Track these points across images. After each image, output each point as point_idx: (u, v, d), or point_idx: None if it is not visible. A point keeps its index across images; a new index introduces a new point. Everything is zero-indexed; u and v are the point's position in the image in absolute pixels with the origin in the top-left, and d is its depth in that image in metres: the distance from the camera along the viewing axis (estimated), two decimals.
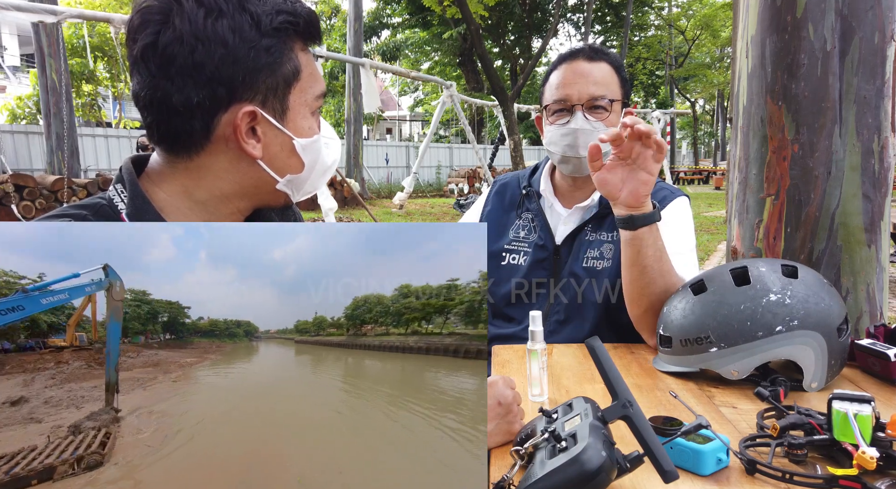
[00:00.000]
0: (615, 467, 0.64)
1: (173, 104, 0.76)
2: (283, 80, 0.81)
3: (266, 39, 0.78)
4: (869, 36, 1.35)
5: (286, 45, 0.80)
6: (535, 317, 1.01)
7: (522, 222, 1.55)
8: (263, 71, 0.78)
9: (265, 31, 0.78)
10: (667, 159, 17.84)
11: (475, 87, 24.45)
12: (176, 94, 0.75)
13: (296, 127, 0.84)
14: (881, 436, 0.76)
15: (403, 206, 12.63)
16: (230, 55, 0.75)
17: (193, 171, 0.82)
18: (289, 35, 0.81)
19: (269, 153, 0.83)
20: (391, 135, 36.53)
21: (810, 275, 1.08)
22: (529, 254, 1.50)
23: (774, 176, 1.45)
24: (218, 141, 0.80)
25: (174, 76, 0.75)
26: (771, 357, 1.02)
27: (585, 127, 1.39)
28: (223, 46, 0.75)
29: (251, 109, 0.78)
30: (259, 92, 0.79)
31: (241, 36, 0.76)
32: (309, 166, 0.88)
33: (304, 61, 0.84)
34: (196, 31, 0.74)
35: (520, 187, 1.60)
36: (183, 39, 0.74)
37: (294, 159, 0.86)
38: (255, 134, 0.81)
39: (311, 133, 0.86)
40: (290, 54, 0.81)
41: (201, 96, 0.76)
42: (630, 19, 25.32)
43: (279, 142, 0.83)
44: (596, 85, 1.40)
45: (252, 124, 0.80)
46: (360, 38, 15.32)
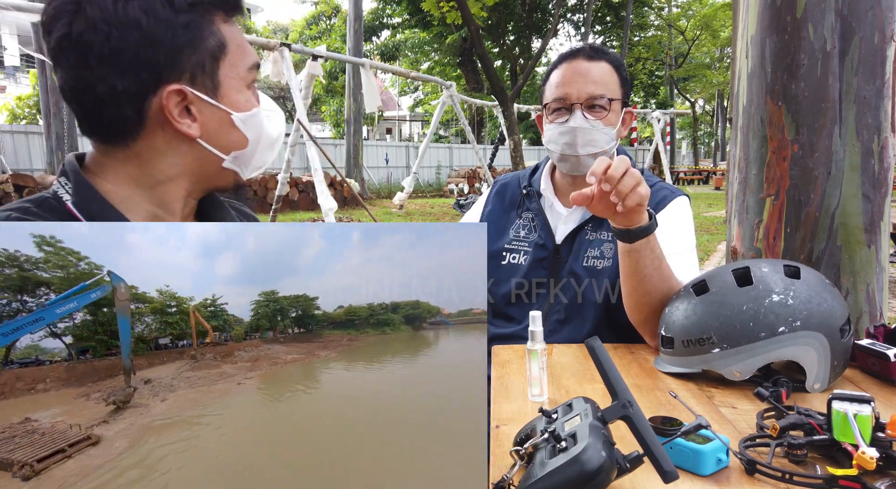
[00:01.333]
0: (615, 467, 0.64)
1: (99, 94, 0.75)
2: (210, 56, 0.80)
3: (182, 16, 0.76)
4: (869, 36, 1.35)
5: (205, 19, 0.79)
6: (534, 317, 1.01)
7: (523, 222, 1.55)
8: (185, 49, 0.77)
9: (179, 7, 0.76)
10: (667, 159, 17.83)
11: (475, 87, 24.45)
12: (99, 83, 0.74)
13: (231, 101, 0.83)
14: (881, 436, 0.76)
15: (403, 206, 12.62)
16: (147, 37, 0.74)
17: (134, 158, 0.81)
18: (206, 8, 0.79)
19: (208, 131, 0.82)
20: (391, 135, 36.53)
21: (812, 276, 1.08)
22: (530, 253, 1.50)
23: (774, 176, 1.45)
24: (153, 125, 0.79)
25: (94, 65, 0.74)
26: (773, 358, 1.02)
27: (584, 125, 1.39)
28: (137, 29, 0.74)
29: (176, 88, 0.77)
30: (185, 70, 0.78)
31: (154, 16, 0.74)
32: (253, 140, 0.87)
33: (230, 34, 0.82)
34: (107, 17, 0.73)
35: (520, 187, 1.60)
36: (96, 27, 0.73)
37: (236, 134, 0.85)
38: (190, 113, 0.80)
39: (250, 106, 0.85)
40: (211, 28, 0.80)
41: (126, 83, 0.75)
42: (630, 19, 25.32)
43: (216, 118, 0.82)
44: (595, 84, 1.40)
45: (185, 103, 0.79)
46: (360, 39, 15.32)
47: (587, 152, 1.41)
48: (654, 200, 1.44)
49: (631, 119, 1.50)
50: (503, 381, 1.14)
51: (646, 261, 1.19)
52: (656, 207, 1.43)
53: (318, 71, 7.48)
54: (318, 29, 29.24)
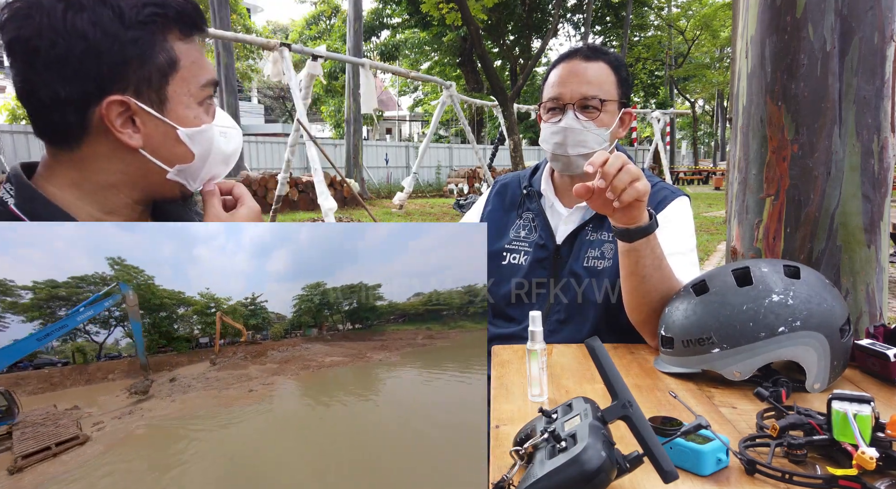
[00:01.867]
0: (615, 467, 0.64)
1: (43, 99, 0.78)
2: (158, 71, 0.81)
3: (132, 31, 0.78)
4: (869, 36, 1.35)
5: (156, 36, 0.81)
6: (534, 318, 1.01)
7: (523, 222, 1.55)
8: (132, 63, 0.79)
9: (130, 23, 0.78)
10: (666, 159, 17.82)
11: (475, 87, 24.44)
12: (43, 88, 0.77)
13: (178, 116, 0.85)
14: (881, 436, 0.76)
15: (403, 206, 12.62)
16: (92, 49, 0.76)
17: (77, 162, 0.83)
18: (158, 27, 0.81)
19: (152, 143, 0.84)
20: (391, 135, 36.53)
21: (812, 276, 1.08)
22: (530, 253, 1.50)
23: (774, 176, 1.45)
24: (97, 132, 0.81)
25: (39, 70, 0.76)
26: (773, 358, 1.02)
27: (575, 126, 1.40)
28: (84, 40, 0.75)
29: (118, 99, 0.79)
30: (130, 83, 0.80)
31: (102, 29, 0.76)
32: (200, 155, 0.88)
33: (184, 51, 0.84)
34: (55, 25, 0.75)
35: (520, 187, 1.60)
36: (42, 33, 0.75)
37: (181, 148, 0.86)
38: (134, 124, 0.82)
39: (199, 122, 0.87)
40: (163, 44, 0.81)
41: (68, 90, 0.77)
42: (630, 19, 25.31)
43: (161, 131, 0.84)
44: (588, 84, 1.40)
45: (129, 114, 0.81)
46: (359, 38, 15.32)
47: (577, 152, 1.41)
48: (654, 200, 1.44)
49: (630, 119, 1.49)
50: (503, 381, 1.14)
51: (646, 261, 1.19)
52: (656, 207, 1.43)
53: (317, 71, 7.48)
54: (317, 29, 29.24)
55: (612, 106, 1.42)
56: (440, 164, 19.77)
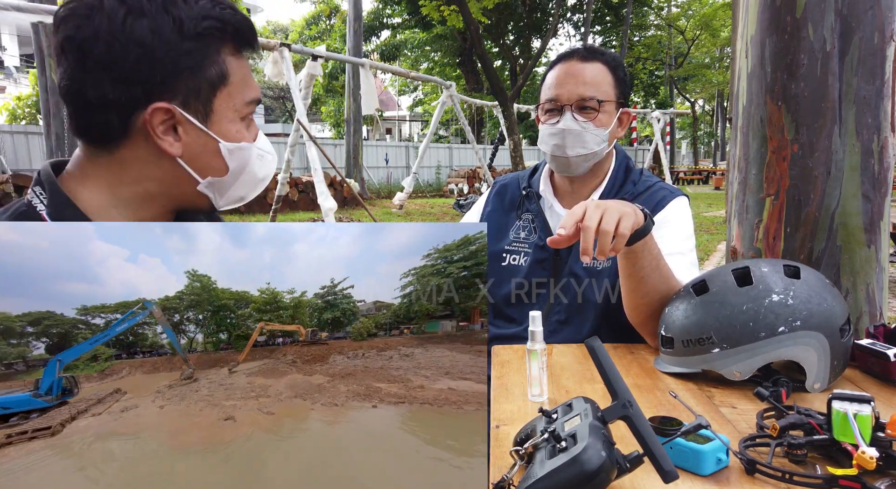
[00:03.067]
0: (615, 467, 0.64)
1: (89, 98, 0.77)
2: (207, 84, 0.82)
3: (188, 43, 0.78)
4: (869, 36, 1.35)
5: (211, 50, 0.81)
6: (534, 318, 1.01)
7: (522, 223, 1.55)
8: (184, 73, 0.79)
9: (188, 34, 0.78)
10: (666, 159, 17.81)
11: (475, 87, 24.44)
12: (91, 88, 0.77)
13: (221, 130, 0.85)
14: (881, 436, 0.76)
15: (403, 206, 12.62)
16: (147, 56, 0.76)
17: (115, 165, 0.83)
18: (214, 40, 0.81)
19: (190, 152, 0.84)
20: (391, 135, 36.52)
21: (812, 276, 1.08)
22: (530, 254, 1.50)
23: (774, 176, 1.45)
24: (137, 137, 0.81)
25: (90, 71, 0.76)
26: (773, 358, 1.02)
27: (574, 127, 1.40)
28: (140, 46, 0.76)
29: (163, 107, 0.79)
30: (179, 92, 0.80)
31: (160, 38, 0.76)
32: (234, 171, 0.88)
33: (235, 66, 0.85)
34: (114, 29, 0.75)
35: (520, 188, 1.60)
36: (99, 36, 0.75)
37: (217, 161, 0.86)
38: (175, 132, 0.82)
39: (239, 138, 0.87)
40: (215, 58, 0.82)
41: (116, 93, 0.77)
42: (630, 19, 25.30)
43: (201, 142, 0.84)
44: (586, 85, 1.40)
45: (172, 122, 0.81)
46: (359, 39, 15.33)
47: (576, 153, 1.41)
48: (653, 201, 1.44)
49: (628, 119, 1.49)
50: (503, 381, 1.14)
51: (643, 263, 1.18)
52: (655, 207, 1.43)
53: (317, 71, 7.49)
54: (317, 29, 29.23)
55: (610, 106, 1.42)
56: (440, 164, 19.77)
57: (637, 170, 1.54)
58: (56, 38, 0.78)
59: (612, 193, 1.48)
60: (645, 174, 1.53)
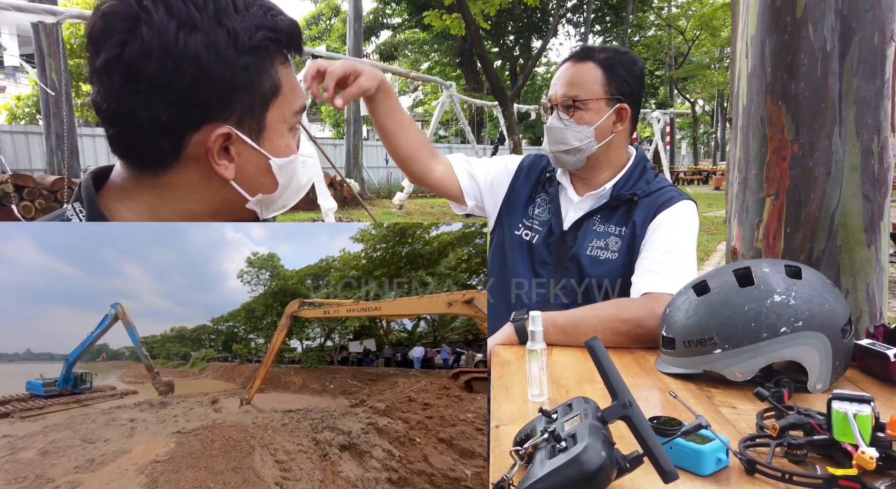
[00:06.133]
0: (615, 467, 0.64)
1: (139, 121, 0.70)
2: (261, 99, 0.75)
3: (244, 57, 0.71)
4: (869, 36, 1.35)
5: (265, 63, 0.74)
6: (534, 318, 1.01)
7: (540, 201, 1.61)
8: (240, 91, 0.72)
9: (243, 48, 0.71)
10: (666, 159, 17.82)
11: (475, 87, 24.44)
12: (142, 110, 0.69)
13: (272, 146, 0.79)
14: (881, 436, 0.76)
15: (403, 206, 12.62)
16: (203, 74, 0.69)
17: (160, 188, 0.76)
18: (269, 52, 0.74)
19: (243, 174, 0.77)
20: None
21: (814, 276, 1.07)
22: (540, 233, 1.56)
23: (774, 176, 1.45)
24: (188, 160, 0.74)
25: (141, 92, 0.68)
26: (775, 358, 1.02)
27: (556, 125, 1.49)
28: (196, 64, 0.68)
29: (225, 132, 0.73)
30: (234, 111, 0.73)
31: (216, 53, 0.69)
32: (283, 186, 0.83)
33: (285, 76, 0.78)
34: (166, 46, 0.67)
35: (545, 170, 1.66)
36: (151, 54, 0.67)
37: (268, 179, 0.80)
38: (227, 153, 0.75)
39: (289, 152, 0.81)
40: (269, 71, 0.75)
41: (170, 115, 0.70)
42: (630, 19, 25.32)
43: (254, 162, 0.78)
44: (570, 85, 1.48)
45: (226, 144, 0.74)
46: (359, 39, 15.33)
47: (558, 149, 1.50)
48: (661, 199, 1.47)
49: (627, 114, 1.51)
50: (503, 381, 1.14)
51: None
52: (662, 206, 1.45)
53: None
54: (318, 29, 29.22)
55: (597, 104, 1.46)
56: None
57: (653, 172, 1.59)
58: (96, 55, 0.69)
59: (624, 188, 1.52)
60: (660, 177, 1.57)
